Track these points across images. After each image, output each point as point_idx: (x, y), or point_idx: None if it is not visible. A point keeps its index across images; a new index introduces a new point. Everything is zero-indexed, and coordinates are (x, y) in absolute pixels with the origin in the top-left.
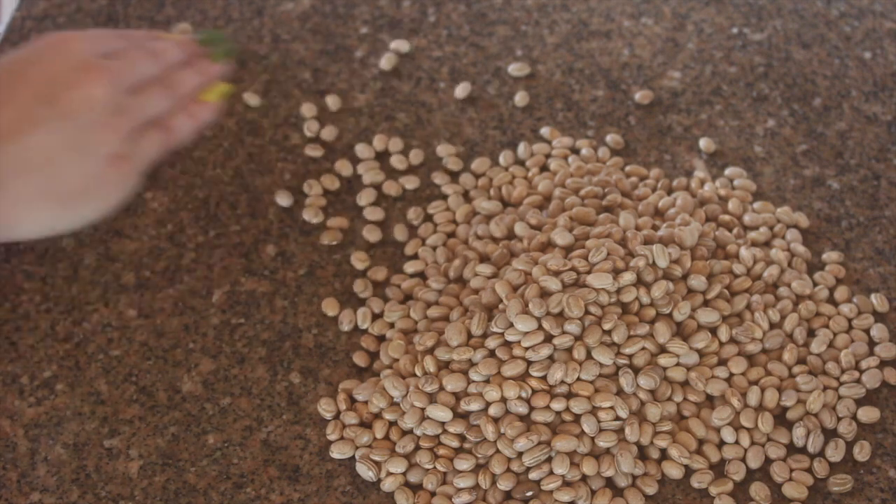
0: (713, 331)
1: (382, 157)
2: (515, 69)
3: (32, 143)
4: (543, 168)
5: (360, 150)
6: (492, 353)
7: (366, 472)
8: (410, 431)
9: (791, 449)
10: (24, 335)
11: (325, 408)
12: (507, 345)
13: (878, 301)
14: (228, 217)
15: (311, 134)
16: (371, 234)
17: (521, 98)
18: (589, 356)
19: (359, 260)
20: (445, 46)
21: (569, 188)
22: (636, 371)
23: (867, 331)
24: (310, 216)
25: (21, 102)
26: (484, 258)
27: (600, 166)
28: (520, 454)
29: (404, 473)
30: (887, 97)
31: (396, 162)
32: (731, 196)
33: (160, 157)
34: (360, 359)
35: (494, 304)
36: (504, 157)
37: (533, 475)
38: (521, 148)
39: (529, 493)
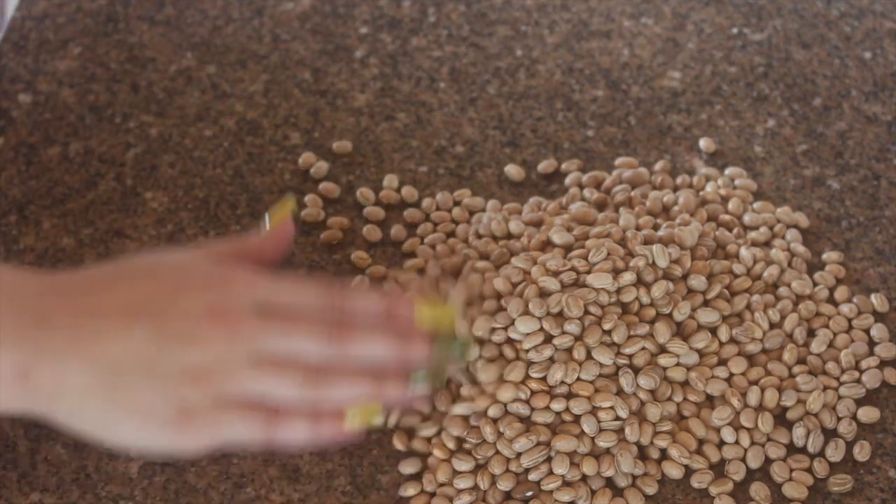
0: (713, 331)
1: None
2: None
3: (111, 340)
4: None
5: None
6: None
7: None
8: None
9: (791, 449)
10: None
11: None
12: (510, 342)
13: (878, 301)
14: (228, 217)
15: (317, 175)
16: (371, 234)
17: (545, 166)
18: (589, 356)
19: (359, 258)
20: (445, 46)
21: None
22: (636, 371)
23: (867, 331)
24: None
25: (131, 297)
26: (484, 257)
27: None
28: (519, 455)
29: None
30: (887, 97)
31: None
32: (732, 196)
33: (251, 442)
34: None
35: (493, 298)
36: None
37: (532, 475)
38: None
39: (529, 494)
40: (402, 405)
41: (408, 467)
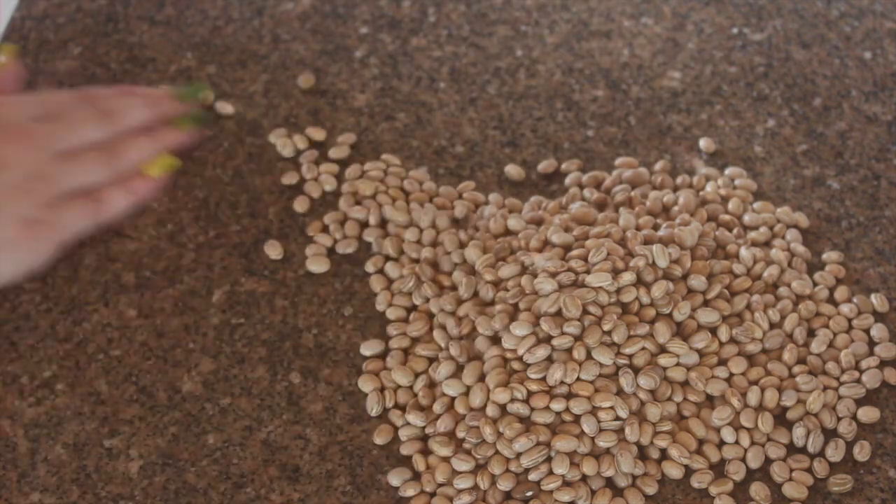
0: (713, 331)
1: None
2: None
3: None
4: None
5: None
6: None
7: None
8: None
9: (791, 449)
10: (24, 335)
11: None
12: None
13: (878, 301)
14: (228, 217)
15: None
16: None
17: (544, 166)
18: (589, 356)
19: (372, 265)
20: (445, 46)
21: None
22: (636, 371)
23: (867, 331)
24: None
25: None
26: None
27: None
28: (519, 455)
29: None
30: (887, 97)
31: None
32: (732, 196)
33: (88, 228)
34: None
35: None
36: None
37: (532, 475)
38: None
39: (529, 494)
40: (183, 143)
41: (396, 478)
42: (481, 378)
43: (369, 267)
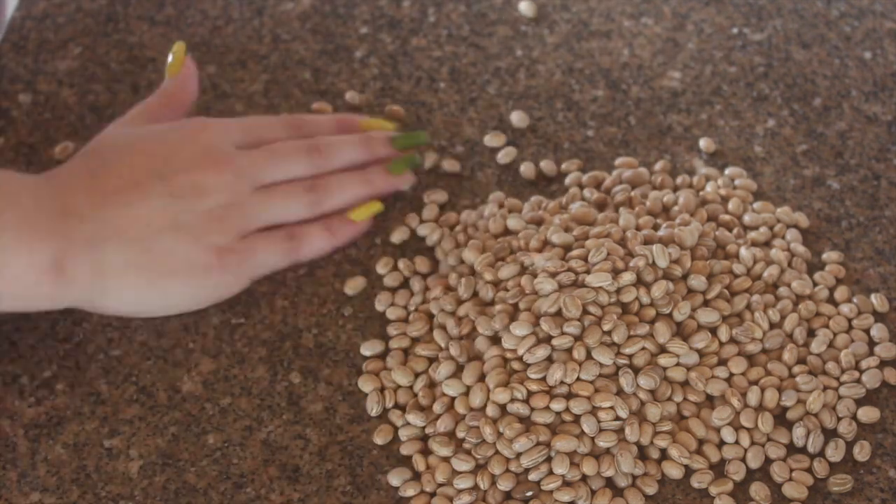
0: (713, 331)
1: None
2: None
3: (134, 212)
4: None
5: None
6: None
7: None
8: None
9: (791, 449)
10: (24, 335)
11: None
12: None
13: (878, 301)
14: None
15: None
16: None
17: (518, 118)
18: (589, 356)
19: (384, 266)
20: (445, 46)
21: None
22: (636, 371)
23: (867, 331)
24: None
25: (134, 172)
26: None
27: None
28: (519, 455)
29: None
30: (887, 97)
31: None
32: (732, 196)
33: (282, 264)
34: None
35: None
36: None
37: (532, 475)
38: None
39: (529, 494)
40: (392, 189)
41: (396, 478)
42: (481, 378)
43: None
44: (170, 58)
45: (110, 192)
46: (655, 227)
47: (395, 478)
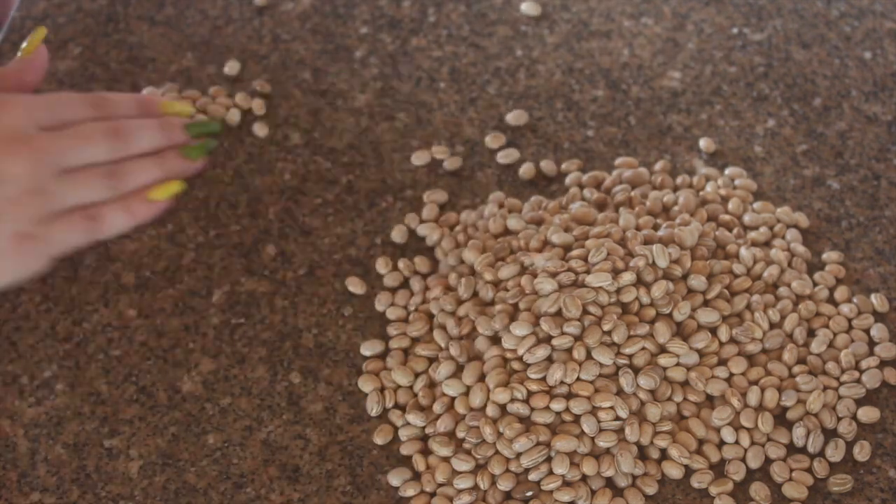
0: (713, 331)
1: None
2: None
3: None
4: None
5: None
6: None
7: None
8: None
9: (791, 449)
10: (24, 335)
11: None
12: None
13: (878, 301)
14: (228, 217)
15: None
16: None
17: (516, 117)
18: (589, 356)
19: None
20: (445, 46)
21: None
22: (636, 371)
23: (867, 331)
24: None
25: None
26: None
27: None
28: (519, 455)
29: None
30: (887, 97)
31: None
32: (732, 196)
33: (81, 244)
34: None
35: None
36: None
37: (532, 475)
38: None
39: (529, 493)
40: (187, 172)
41: (396, 478)
42: (481, 378)
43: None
44: (25, 42)
45: None
46: (655, 227)
47: (395, 478)
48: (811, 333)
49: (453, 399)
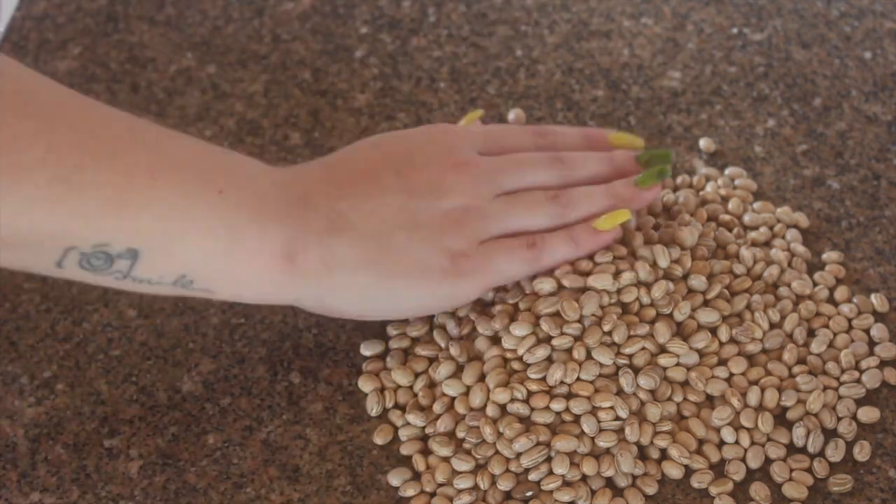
0: (713, 331)
1: None
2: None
3: (369, 206)
4: None
5: None
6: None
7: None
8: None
9: (791, 449)
10: (24, 335)
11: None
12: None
13: (878, 301)
14: None
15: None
16: None
17: (515, 117)
18: (589, 356)
19: None
20: (445, 46)
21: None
22: (636, 371)
23: (867, 331)
24: None
25: (372, 166)
26: None
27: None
28: (519, 455)
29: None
30: (887, 97)
31: None
32: (732, 196)
33: (522, 274)
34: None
35: None
36: None
37: (532, 475)
38: None
39: (529, 493)
40: (640, 203)
41: (396, 478)
42: (481, 378)
43: None
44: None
45: (346, 184)
46: (655, 227)
47: (395, 478)
48: (811, 333)
49: (453, 399)
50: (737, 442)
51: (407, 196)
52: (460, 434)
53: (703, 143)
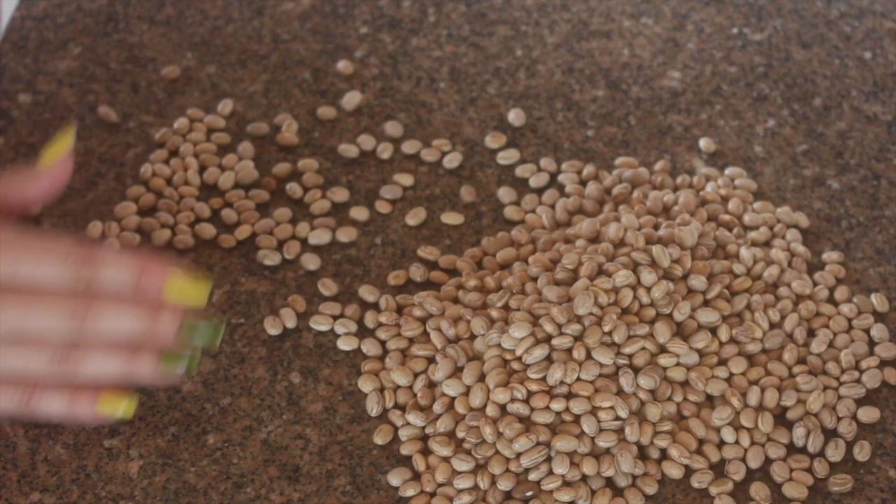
0: (713, 331)
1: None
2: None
3: None
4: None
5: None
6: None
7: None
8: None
9: (791, 449)
10: None
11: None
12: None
13: (878, 301)
14: (229, 216)
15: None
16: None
17: (515, 116)
18: (589, 356)
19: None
20: (445, 46)
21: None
22: (636, 371)
23: (867, 331)
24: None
25: None
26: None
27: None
28: (519, 455)
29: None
30: (887, 97)
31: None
32: (732, 196)
33: (11, 414)
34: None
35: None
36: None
37: (532, 475)
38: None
39: (529, 493)
40: (154, 383)
41: (396, 478)
42: (481, 378)
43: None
44: (49, 147)
45: None
46: (655, 227)
47: (395, 478)
48: (811, 333)
49: (453, 399)
50: (737, 442)
51: None
52: (460, 434)
53: (703, 143)
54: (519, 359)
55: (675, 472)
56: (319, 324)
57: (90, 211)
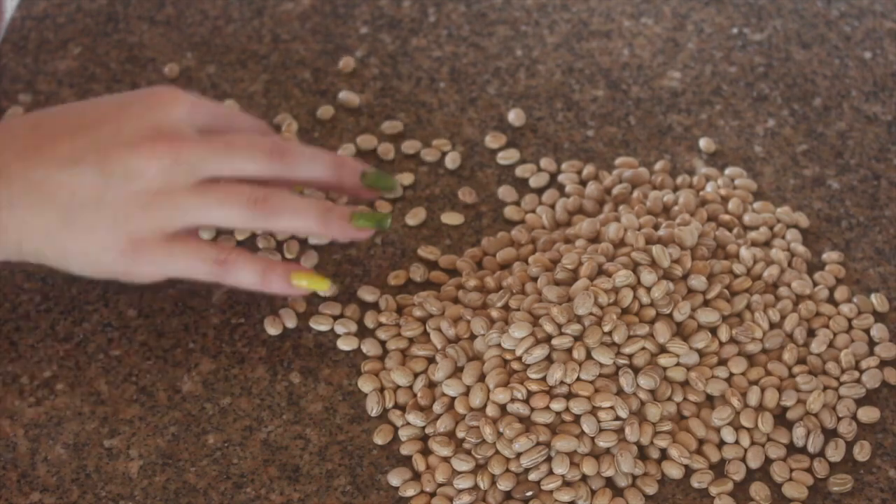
0: (713, 331)
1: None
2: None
3: (62, 176)
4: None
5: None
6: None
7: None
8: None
9: (791, 449)
10: (24, 335)
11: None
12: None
13: (878, 301)
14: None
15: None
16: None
17: (515, 116)
18: (589, 356)
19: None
20: (445, 46)
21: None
22: (636, 371)
23: (867, 331)
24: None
25: (75, 136)
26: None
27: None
28: (519, 455)
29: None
30: (887, 97)
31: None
32: (732, 196)
33: (202, 278)
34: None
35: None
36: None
37: (532, 475)
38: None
39: (529, 493)
40: (346, 238)
41: (396, 478)
42: (481, 378)
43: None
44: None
45: (47, 146)
46: (655, 227)
47: (395, 478)
48: (811, 333)
49: (453, 399)
50: (737, 442)
51: (99, 173)
52: (460, 434)
53: (703, 143)
54: (519, 359)
55: (675, 472)
56: (319, 324)
57: None
